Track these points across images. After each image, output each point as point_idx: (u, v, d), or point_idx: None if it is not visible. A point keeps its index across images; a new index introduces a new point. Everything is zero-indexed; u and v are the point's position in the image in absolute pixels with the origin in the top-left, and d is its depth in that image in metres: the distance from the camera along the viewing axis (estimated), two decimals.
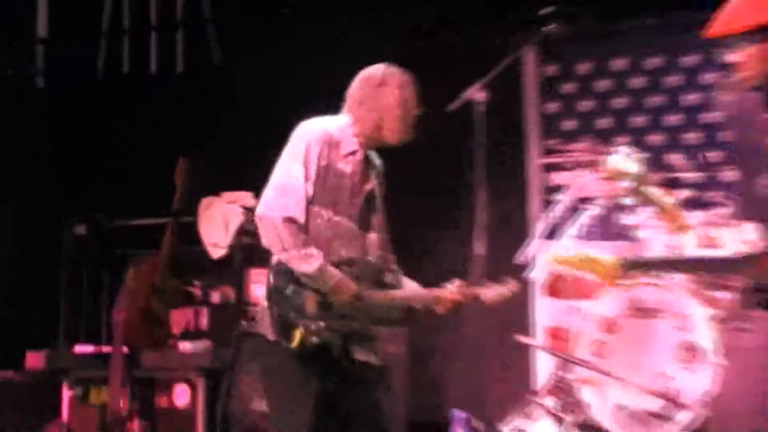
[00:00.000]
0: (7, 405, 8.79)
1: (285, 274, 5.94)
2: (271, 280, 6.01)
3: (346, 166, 6.06)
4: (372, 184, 6.20)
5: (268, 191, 5.97)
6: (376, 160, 6.27)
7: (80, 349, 8.81)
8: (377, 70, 6.21)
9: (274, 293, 5.99)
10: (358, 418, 6.06)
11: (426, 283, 6.27)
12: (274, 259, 6.01)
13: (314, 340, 5.83)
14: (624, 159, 6.25)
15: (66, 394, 8.46)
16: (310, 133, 6.03)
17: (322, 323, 5.86)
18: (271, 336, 5.93)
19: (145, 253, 9.00)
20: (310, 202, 5.96)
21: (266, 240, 5.96)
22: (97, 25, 11.72)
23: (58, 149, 10.41)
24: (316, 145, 5.98)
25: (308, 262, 5.87)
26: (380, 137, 6.16)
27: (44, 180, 10.23)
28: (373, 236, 6.21)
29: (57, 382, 8.52)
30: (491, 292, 6.26)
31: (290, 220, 5.85)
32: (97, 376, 8.37)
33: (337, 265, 5.97)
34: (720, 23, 4.86)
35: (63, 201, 10.02)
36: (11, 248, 8.07)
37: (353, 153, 6.08)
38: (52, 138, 10.43)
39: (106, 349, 8.52)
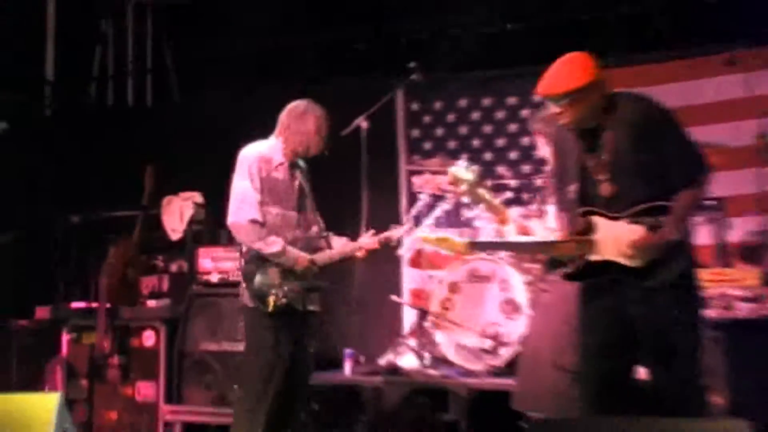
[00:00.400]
0: (23, 345, 8.80)
1: (253, 259, 6.19)
2: (244, 265, 6.23)
3: (278, 174, 6.31)
4: (299, 180, 6.38)
5: (232, 204, 6.21)
6: (302, 163, 6.44)
7: (75, 304, 8.81)
8: (301, 103, 6.42)
9: (247, 275, 6.21)
10: (303, 352, 6.30)
11: None
12: (244, 249, 6.23)
13: (283, 301, 6.10)
14: (462, 169, 6.35)
15: (65, 337, 8.41)
16: (249, 157, 6.25)
17: (286, 288, 6.11)
18: (250, 304, 6.15)
19: (122, 236, 8.96)
20: (262, 203, 6.18)
21: (239, 237, 6.24)
22: (90, 70, 11.69)
23: (60, 160, 10.35)
24: (255, 163, 6.21)
25: (273, 245, 6.13)
26: (302, 152, 6.37)
27: (50, 183, 10.19)
28: (308, 216, 6.41)
29: (58, 328, 8.49)
30: (396, 232, 6.57)
31: (253, 221, 6.13)
32: (88, 324, 8.35)
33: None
34: (542, 87, 4.91)
35: (63, 198, 9.95)
36: (26, 232, 8.04)
37: (282, 164, 6.31)
38: (56, 152, 10.37)
39: (94, 304, 8.51)
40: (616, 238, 4.84)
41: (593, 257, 4.91)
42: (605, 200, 4.90)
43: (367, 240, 6.46)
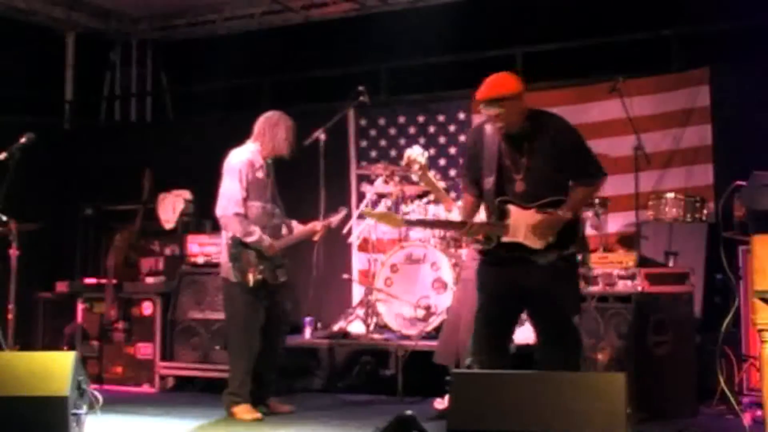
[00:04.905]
0: (46, 312, 8.72)
1: (236, 243, 6.30)
2: (230, 248, 6.32)
3: (260, 173, 6.43)
4: (272, 179, 6.49)
5: (222, 200, 6.33)
6: (269, 161, 6.50)
7: (88, 280, 8.72)
8: (274, 113, 6.50)
9: (232, 256, 6.32)
10: (278, 315, 6.47)
11: None
12: (228, 236, 6.32)
13: (260, 277, 6.27)
14: (417, 153, 6.34)
15: (80, 306, 8.35)
16: (241, 162, 6.35)
17: (261, 266, 6.27)
18: (233, 279, 6.32)
19: (126, 225, 8.92)
20: (246, 200, 6.30)
21: (227, 228, 6.33)
22: (101, 93, 11.66)
23: (77, 164, 10.28)
24: (245, 168, 6.33)
25: (252, 235, 6.27)
26: (274, 154, 6.43)
27: (68, 181, 10.14)
28: (274, 205, 6.50)
29: (75, 299, 8.42)
30: (335, 219, 6.72)
31: (237, 214, 6.26)
32: (98, 296, 8.30)
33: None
34: (482, 93, 4.86)
35: (79, 195, 9.84)
36: (50, 221, 7.96)
37: (262, 166, 6.36)
38: (74, 157, 10.30)
39: (103, 280, 8.44)
40: (525, 224, 4.84)
41: (505, 238, 4.88)
42: (517, 194, 4.89)
43: (317, 224, 6.58)
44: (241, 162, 6.32)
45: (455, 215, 6.33)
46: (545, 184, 4.89)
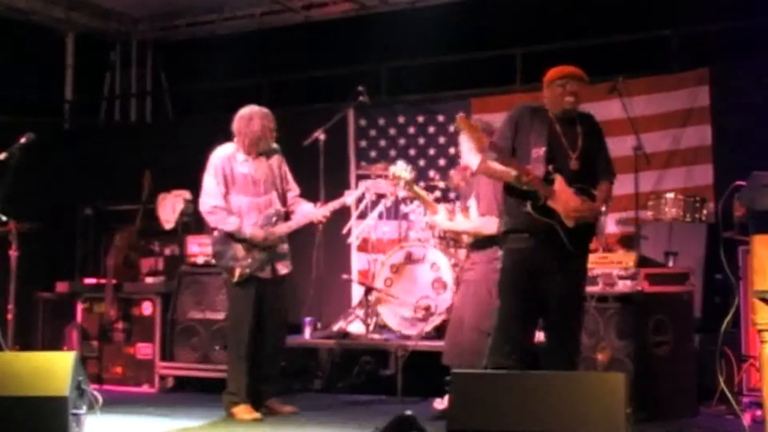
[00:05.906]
0: (46, 313, 8.71)
1: (221, 239, 6.34)
2: (215, 244, 6.37)
3: (244, 168, 6.41)
4: (265, 168, 6.42)
5: (201, 196, 6.38)
6: (274, 146, 6.51)
7: (88, 280, 8.71)
8: (246, 109, 6.45)
9: (217, 252, 6.39)
10: (273, 314, 6.43)
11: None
12: (215, 233, 6.36)
13: (247, 272, 6.25)
14: (401, 169, 6.36)
15: (80, 306, 8.34)
16: (216, 157, 6.40)
17: (249, 260, 6.25)
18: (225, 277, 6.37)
19: (125, 225, 8.92)
20: (227, 194, 6.32)
21: (207, 220, 6.42)
22: (100, 92, 11.68)
23: (77, 165, 10.30)
24: (219, 163, 6.35)
25: (230, 225, 6.27)
26: (256, 148, 6.39)
27: (68, 181, 10.13)
28: (274, 195, 6.46)
29: (74, 299, 8.41)
30: (349, 197, 6.77)
31: (215, 207, 6.24)
32: (98, 296, 8.29)
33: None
34: (578, 71, 5.29)
35: (79, 195, 9.88)
36: (50, 221, 7.98)
37: (246, 161, 6.35)
38: (74, 158, 10.33)
39: (103, 280, 8.43)
40: (564, 199, 5.11)
41: (550, 203, 5.10)
42: (571, 171, 5.20)
43: (320, 208, 6.57)
44: (218, 158, 6.38)
45: (442, 216, 6.57)
46: (591, 167, 5.29)
